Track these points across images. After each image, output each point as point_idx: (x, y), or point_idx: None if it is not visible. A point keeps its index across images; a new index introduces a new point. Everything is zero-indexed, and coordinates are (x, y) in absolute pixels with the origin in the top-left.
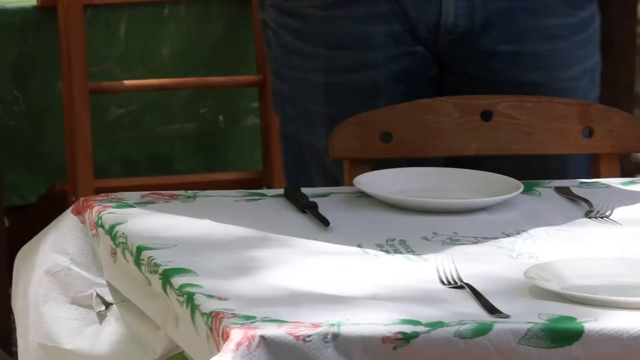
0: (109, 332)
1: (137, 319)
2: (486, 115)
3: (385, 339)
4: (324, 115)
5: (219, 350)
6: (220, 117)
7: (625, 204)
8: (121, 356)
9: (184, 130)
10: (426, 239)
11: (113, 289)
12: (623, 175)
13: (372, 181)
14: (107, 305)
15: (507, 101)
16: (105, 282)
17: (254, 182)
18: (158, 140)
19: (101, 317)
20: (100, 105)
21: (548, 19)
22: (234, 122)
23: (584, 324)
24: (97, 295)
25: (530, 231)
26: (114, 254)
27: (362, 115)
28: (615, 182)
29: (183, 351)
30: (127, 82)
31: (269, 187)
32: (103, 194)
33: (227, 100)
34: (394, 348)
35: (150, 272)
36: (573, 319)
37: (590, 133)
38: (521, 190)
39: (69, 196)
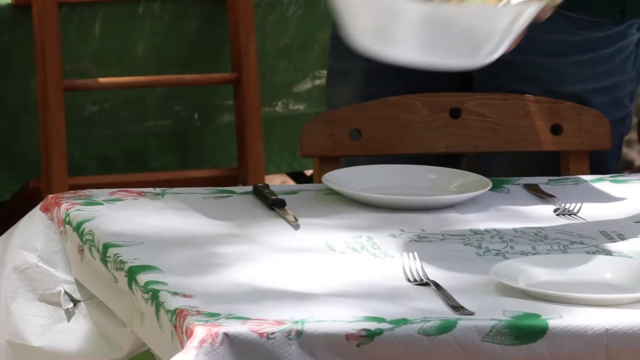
0: (77, 329)
1: (104, 316)
2: (455, 113)
3: (349, 336)
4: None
5: (183, 347)
6: (196, 115)
7: (593, 201)
8: (89, 353)
9: (159, 127)
10: (393, 236)
11: (81, 286)
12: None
13: (340, 178)
14: (75, 302)
15: (476, 99)
16: (73, 280)
17: (228, 180)
18: (133, 138)
19: (69, 314)
20: (75, 102)
21: (545, 34)
22: (209, 120)
23: (548, 321)
24: (65, 292)
25: (498, 228)
26: (81, 251)
27: (332, 112)
28: (584, 179)
29: (150, 349)
30: (101, 80)
31: (244, 184)
32: (71, 191)
33: (202, 98)
34: (358, 345)
35: (117, 270)
36: (537, 316)
37: (559, 130)
38: (489, 187)
39: (43, 194)
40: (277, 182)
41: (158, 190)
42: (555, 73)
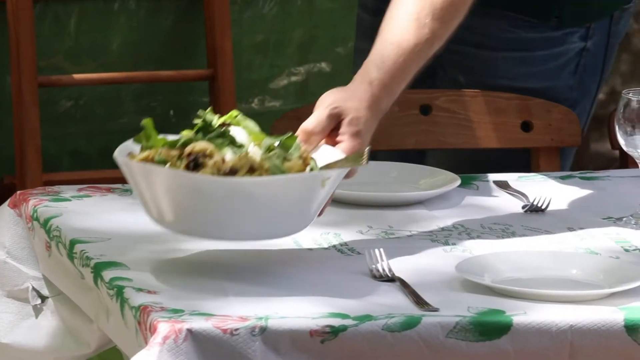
0: (45, 325)
1: (71, 312)
2: (425, 110)
3: (313, 333)
4: None
5: (147, 344)
6: (171, 112)
7: (562, 198)
8: (56, 350)
9: (135, 123)
10: (361, 232)
11: (49, 283)
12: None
13: None
14: (43, 298)
15: (446, 95)
16: (41, 276)
17: None
18: (108, 134)
19: (37, 310)
20: (50, 98)
21: (481, 27)
22: (184, 117)
23: (513, 317)
24: (33, 288)
25: (466, 225)
26: (48, 247)
27: (301, 109)
28: (553, 176)
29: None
30: (76, 76)
31: None
32: (39, 187)
33: (177, 95)
34: (322, 341)
35: (83, 266)
36: (502, 312)
37: (529, 127)
38: (458, 183)
39: (18, 190)
40: None
41: (126, 186)
42: (487, 65)
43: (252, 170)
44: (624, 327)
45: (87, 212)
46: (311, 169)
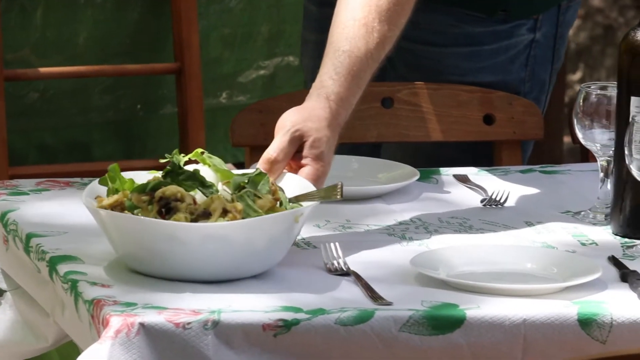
0: (3, 319)
1: (29, 306)
2: (387, 103)
3: (265, 326)
4: None
5: (100, 337)
6: (139, 105)
7: (521, 192)
8: (15, 344)
9: (102, 117)
10: (318, 226)
11: (7, 276)
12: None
13: None
14: (1, 292)
15: (408, 88)
16: None
17: None
18: (75, 128)
19: None
20: (16, 92)
21: (428, 24)
22: (152, 110)
23: (466, 311)
24: None
25: (423, 219)
26: (6, 241)
27: (263, 102)
28: (514, 169)
29: None
30: (42, 70)
31: None
32: None
33: (145, 88)
34: (275, 335)
35: (39, 260)
36: (455, 306)
37: (491, 120)
38: (417, 177)
39: None
40: None
41: (85, 180)
42: (435, 62)
43: (225, 212)
44: (577, 321)
45: (45, 205)
46: (281, 203)
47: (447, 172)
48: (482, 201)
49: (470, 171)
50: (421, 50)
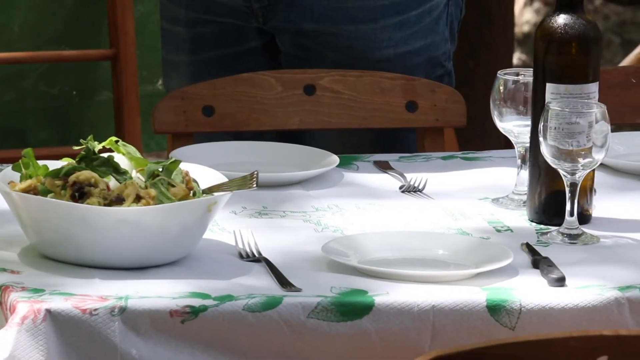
0: None
1: None
2: (309, 90)
3: (173, 313)
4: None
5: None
6: (74, 92)
7: (441, 179)
8: None
9: (38, 104)
10: (234, 213)
11: None
12: None
13: (189, 155)
14: None
15: (330, 75)
16: None
17: None
18: (11, 114)
19: None
20: None
21: (353, 1)
22: (87, 97)
23: (375, 298)
24: None
25: (340, 205)
26: None
27: (185, 89)
28: (435, 156)
29: None
30: None
31: None
32: None
33: (80, 75)
34: (182, 322)
35: None
36: (364, 292)
37: (414, 107)
38: (336, 164)
39: None
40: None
41: (3, 166)
42: (367, 40)
43: (138, 198)
44: (486, 307)
45: None
46: (194, 193)
47: (368, 159)
48: (400, 187)
49: (392, 157)
50: (351, 31)
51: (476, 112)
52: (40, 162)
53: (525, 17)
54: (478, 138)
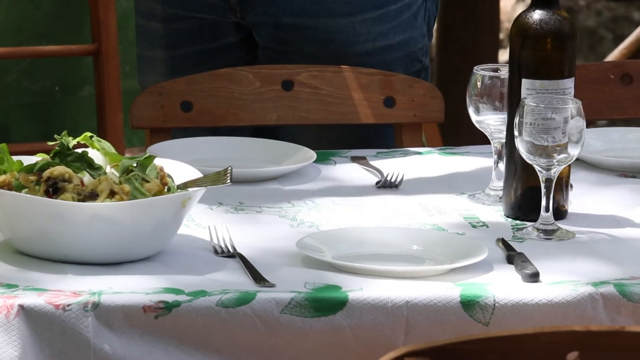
0: None
1: None
2: (287, 85)
3: (146, 308)
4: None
5: None
6: (56, 87)
7: (417, 174)
8: None
9: (20, 99)
10: (211, 208)
11: None
12: None
13: (166, 150)
14: None
15: (308, 71)
16: None
17: None
18: None
19: None
20: None
21: None
22: (70, 92)
23: (348, 293)
24: None
25: (317, 200)
26: None
27: (163, 84)
28: (413, 151)
29: None
30: None
31: None
32: None
33: (63, 70)
34: (156, 317)
35: None
36: (338, 287)
37: (392, 103)
38: (313, 160)
39: None
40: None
41: None
42: (345, 34)
43: (112, 193)
44: (460, 302)
45: None
46: (169, 189)
47: (346, 154)
48: (377, 183)
49: (369, 153)
50: (330, 25)
51: (462, 108)
52: (15, 158)
53: (517, 13)
54: (464, 134)
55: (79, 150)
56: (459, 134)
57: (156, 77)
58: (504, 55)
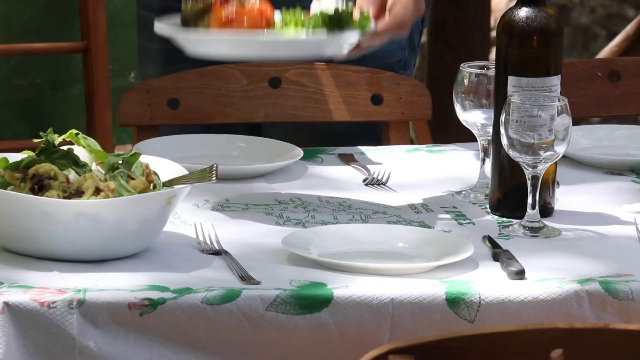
0: None
1: None
2: (274, 83)
3: (131, 305)
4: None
5: None
6: (46, 85)
7: (404, 172)
8: None
9: (9, 96)
10: (197, 205)
11: None
12: None
13: (153, 147)
14: None
15: (295, 68)
16: None
17: None
18: None
19: None
20: None
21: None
22: (59, 90)
23: (334, 290)
24: None
25: (303, 198)
26: None
27: (150, 82)
28: (400, 149)
29: None
30: None
31: None
32: None
33: (52, 68)
34: (141, 314)
35: None
36: (323, 285)
37: (379, 100)
38: (299, 157)
39: None
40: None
41: None
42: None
43: (97, 190)
44: (445, 300)
45: None
46: (154, 186)
47: (333, 152)
48: (363, 180)
49: (356, 151)
50: None
51: (453, 105)
52: (0, 155)
53: None
54: (455, 131)
55: (65, 148)
56: (449, 131)
57: (153, 67)
58: None
